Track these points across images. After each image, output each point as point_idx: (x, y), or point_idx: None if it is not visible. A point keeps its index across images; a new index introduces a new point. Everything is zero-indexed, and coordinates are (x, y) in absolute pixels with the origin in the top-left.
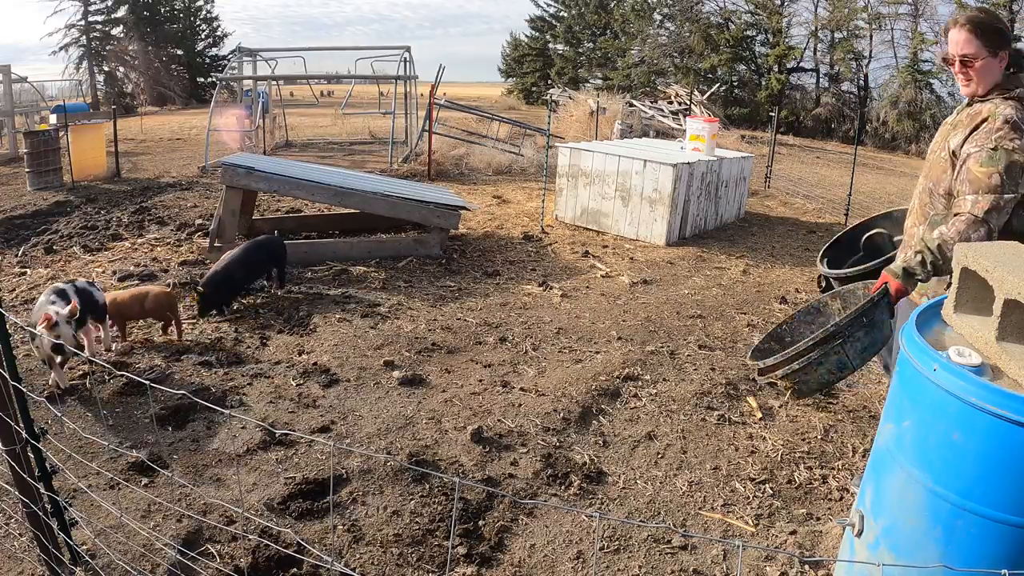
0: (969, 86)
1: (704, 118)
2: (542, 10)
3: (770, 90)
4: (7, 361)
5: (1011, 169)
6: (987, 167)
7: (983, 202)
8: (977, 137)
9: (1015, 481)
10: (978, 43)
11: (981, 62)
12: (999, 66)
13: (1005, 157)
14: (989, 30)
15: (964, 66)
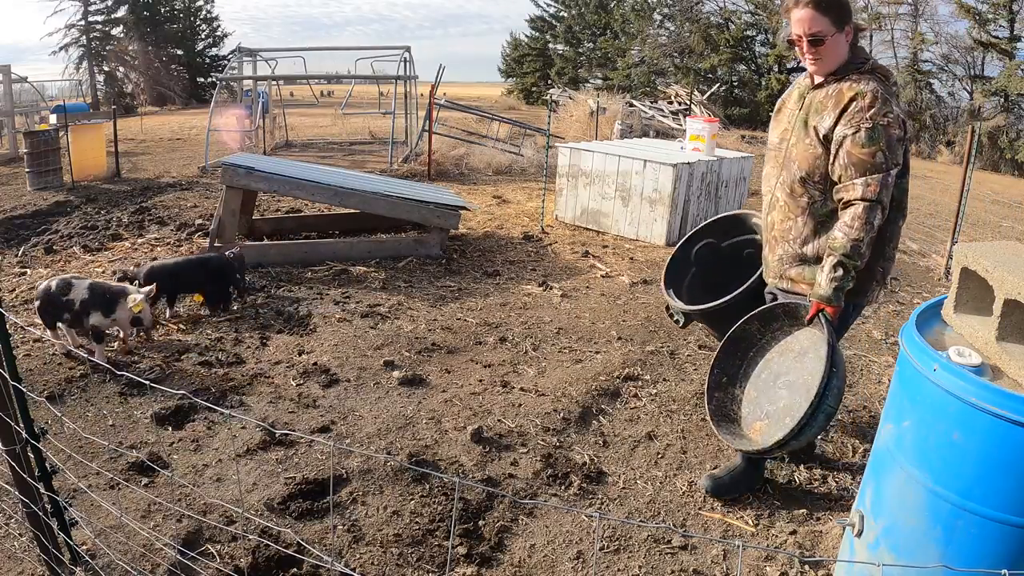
0: (818, 65)
1: (704, 118)
2: (542, 10)
3: (770, 90)
4: (7, 361)
5: (891, 144)
6: (869, 147)
7: (874, 184)
8: (850, 118)
9: (1015, 481)
10: (825, 20)
11: (831, 39)
12: (844, 41)
13: (883, 133)
14: (834, 5)
15: (813, 45)
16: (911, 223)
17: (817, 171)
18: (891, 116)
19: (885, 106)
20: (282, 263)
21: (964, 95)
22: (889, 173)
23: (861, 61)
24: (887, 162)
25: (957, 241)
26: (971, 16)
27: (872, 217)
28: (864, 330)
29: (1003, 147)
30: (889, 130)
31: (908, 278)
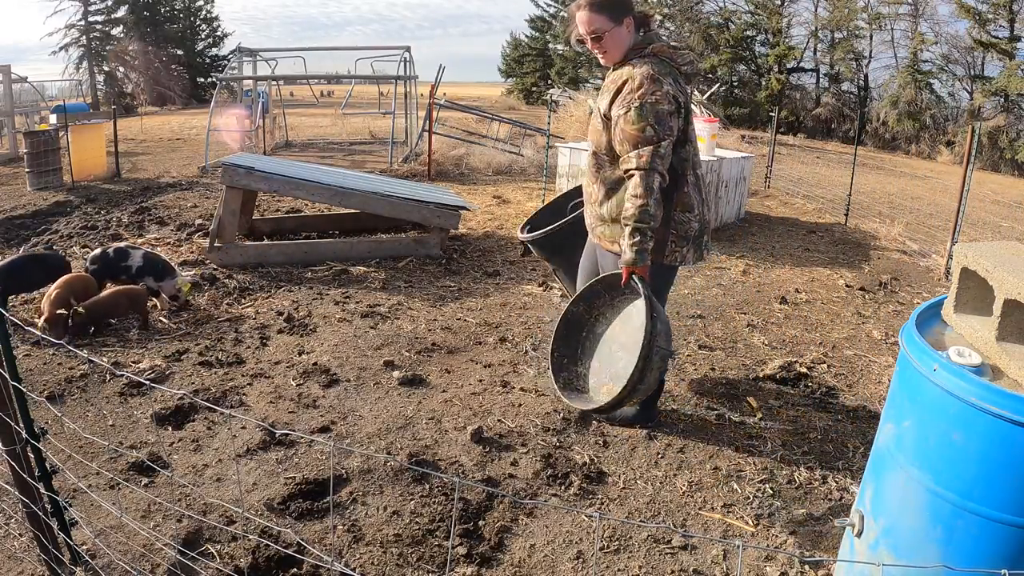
0: (604, 57)
1: (704, 118)
2: (542, 10)
3: (770, 90)
4: (7, 361)
5: (659, 118)
6: (638, 123)
7: (645, 154)
8: (622, 99)
9: (1015, 481)
10: (601, 17)
11: (608, 33)
12: (627, 32)
13: (651, 110)
14: (608, 4)
15: (596, 41)
16: (911, 223)
17: (602, 145)
18: (659, 94)
19: (654, 85)
20: (282, 263)
21: (964, 95)
22: (660, 144)
23: (645, 46)
24: (657, 135)
25: (957, 241)
26: (971, 16)
27: (650, 182)
28: (864, 330)
29: (1003, 147)
30: (658, 107)
31: (908, 278)
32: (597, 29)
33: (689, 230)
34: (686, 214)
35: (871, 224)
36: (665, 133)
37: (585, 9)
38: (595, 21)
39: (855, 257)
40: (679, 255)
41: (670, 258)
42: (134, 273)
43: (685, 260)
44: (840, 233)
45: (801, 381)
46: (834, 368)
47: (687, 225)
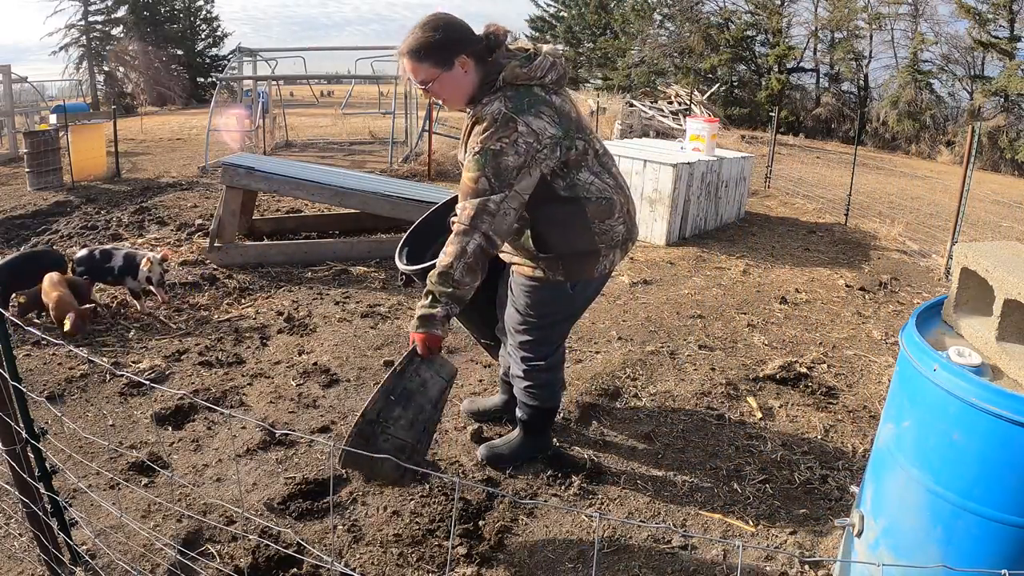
0: (446, 104)
1: (704, 118)
2: (542, 10)
3: (770, 90)
4: (7, 361)
5: (499, 167)
6: (473, 172)
7: (468, 208)
8: (470, 142)
9: (1015, 481)
10: (425, 66)
11: (438, 81)
12: (463, 74)
13: (491, 159)
14: (428, 49)
15: (427, 91)
16: (911, 223)
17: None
18: (506, 141)
19: (503, 130)
20: (282, 263)
21: (964, 95)
22: (490, 198)
23: (493, 80)
24: (491, 188)
25: (957, 241)
26: (971, 16)
27: (465, 244)
28: (864, 330)
29: (1003, 147)
30: (500, 157)
31: (908, 278)
32: (425, 79)
33: (615, 237)
34: (607, 222)
35: (871, 224)
36: (502, 187)
37: (406, 57)
38: (419, 71)
39: (855, 257)
40: (606, 263)
41: (599, 269)
42: (116, 274)
43: (613, 264)
44: (840, 233)
45: (801, 381)
46: (834, 368)
47: (611, 232)
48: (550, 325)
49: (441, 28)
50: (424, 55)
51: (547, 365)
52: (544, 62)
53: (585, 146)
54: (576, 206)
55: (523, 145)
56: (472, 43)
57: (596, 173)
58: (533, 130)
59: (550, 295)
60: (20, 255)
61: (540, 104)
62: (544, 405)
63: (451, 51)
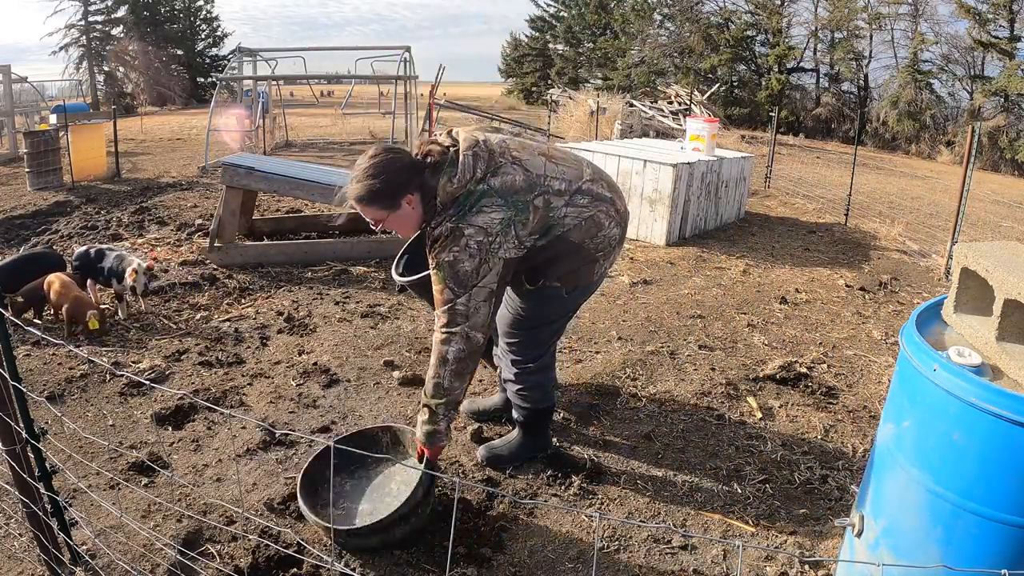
0: (402, 234)
1: (704, 118)
2: (542, 10)
3: (770, 90)
4: (7, 361)
5: (457, 275)
6: (438, 284)
7: (442, 316)
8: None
9: (1015, 481)
10: (373, 209)
11: (389, 220)
12: (410, 209)
13: (448, 268)
14: (373, 197)
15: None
16: (911, 223)
17: None
18: (456, 250)
19: (451, 242)
20: (282, 263)
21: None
22: (456, 302)
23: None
24: (456, 294)
25: (957, 241)
26: (971, 16)
27: (446, 352)
28: (864, 330)
29: (1003, 147)
30: (455, 265)
31: (908, 278)
32: (376, 218)
33: (611, 241)
34: (599, 234)
35: (871, 224)
36: (463, 290)
37: (356, 203)
38: (370, 212)
39: (855, 257)
40: (608, 264)
41: (599, 272)
42: (106, 275)
43: (613, 262)
44: (840, 233)
45: (801, 381)
46: (834, 368)
47: (605, 240)
48: (542, 326)
49: (382, 175)
50: (370, 201)
51: (536, 367)
52: (466, 163)
53: (545, 199)
54: (558, 241)
55: (474, 246)
56: (411, 180)
57: (568, 203)
58: (480, 227)
59: (545, 299)
60: (20, 256)
61: (479, 199)
62: (538, 406)
63: (395, 195)
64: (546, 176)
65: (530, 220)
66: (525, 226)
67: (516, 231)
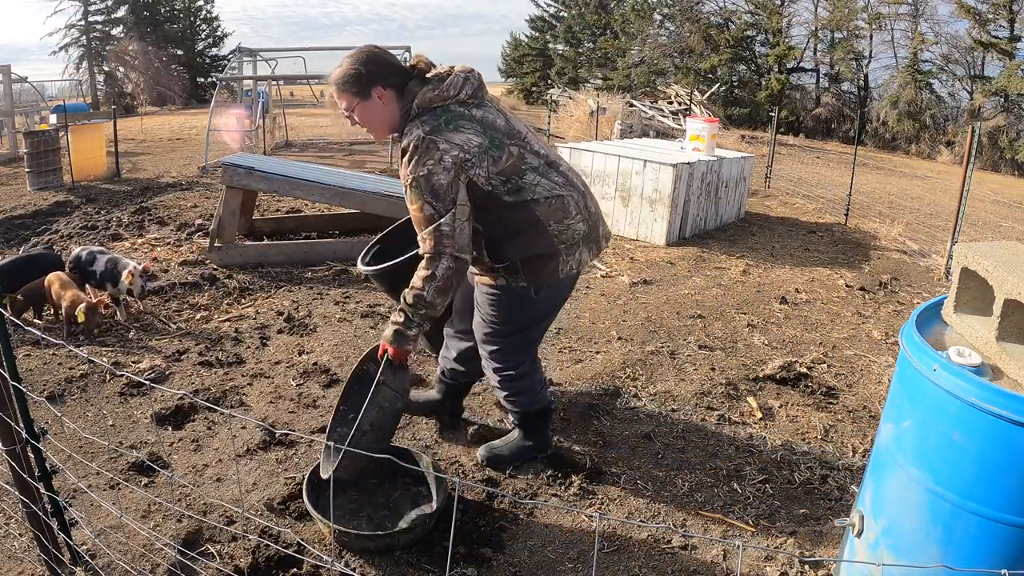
0: (373, 132)
1: (704, 118)
2: (542, 10)
3: (770, 90)
4: (7, 361)
5: (434, 189)
6: (416, 203)
7: (428, 238)
8: (401, 171)
9: (1015, 481)
10: (346, 95)
11: (357, 110)
12: (381, 104)
13: (425, 185)
14: (347, 81)
15: (351, 119)
16: (911, 223)
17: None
18: (431, 163)
19: (425, 154)
20: (282, 263)
21: (964, 95)
22: (441, 222)
23: (409, 108)
24: (436, 211)
25: (957, 241)
26: (971, 16)
27: (435, 268)
28: (864, 330)
29: (1003, 147)
30: (431, 179)
31: (908, 278)
32: (346, 107)
33: (575, 235)
34: (564, 221)
35: (871, 224)
36: (445, 207)
37: (332, 87)
38: (342, 99)
39: (855, 257)
40: (572, 263)
41: (564, 271)
42: (98, 279)
43: (581, 263)
44: (840, 233)
45: (801, 381)
46: (834, 368)
47: (569, 231)
48: (517, 332)
49: (362, 62)
50: (343, 85)
51: (519, 373)
52: (455, 80)
53: (520, 150)
54: (525, 210)
55: (449, 160)
56: (389, 76)
57: (542, 173)
58: (456, 143)
59: (514, 302)
60: (19, 257)
61: (458, 119)
62: (528, 410)
63: (368, 82)
64: (526, 137)
65: (502, 160)
66: (496, 163)
67: (488, 163)
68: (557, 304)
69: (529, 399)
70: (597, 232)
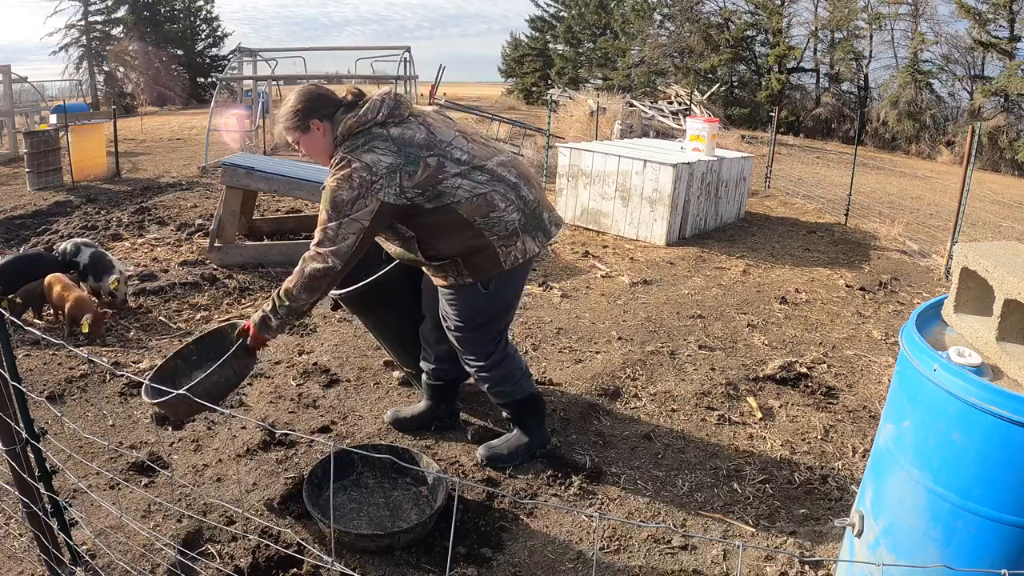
0: (318, 161)
1: (704, 118)
2: (542, 10)
3: (770, 90)
4: (7, 361)
5: (334, 202)
6: (321, 208)
7: (315, 236)
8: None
9: (1015, 481)
10: (291, 130)
11: (302, 142)
12: (320, 136)
13: (329, 194)
14: (289, 118)
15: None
16: (911, 223)
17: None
18: (340, 177)
19: (338, 170)
20: (282, 263)
21: (964, 95)
22: (327, 227)
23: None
24: (329, 217)
25: (957, 241)
26: (971, 16)
27: (305, 267)
28: (864, 330)
29: (1003, 147)
30: (335, 192)
31: (908, 278)
32: (293, 141)
33: (508, 225)
34: (491, 215)
35: (871, 224)
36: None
37: (280, 124)
38: (289, 135)
39: (855, 257)
40: (515, 253)
41: (508, 262)
42: (81, 271)
43: (527, 252)
44: (840, 233)
45: (801, 381)
46: (834, 368)
47: (501, 223)
48: (479, 327)
49: (300, 99)
50: (287, 122)
51: (490, 363)
52: (373, 105)
53: (440, 160)
54: (448, 212)
55: (356, 179)
56: (323, 108)
57: (464, 175)
58: (366, 164)
59: (466, 298)
60: (18, 256)
61: (374, 140)
62: (513, 398)
63: (304, 117)
64: (450, 145)
65: (417, 174)
66: (411, 177)
67: (401, 180)
68: (513, 293)
69: (512, 387)
70: (541, 219)
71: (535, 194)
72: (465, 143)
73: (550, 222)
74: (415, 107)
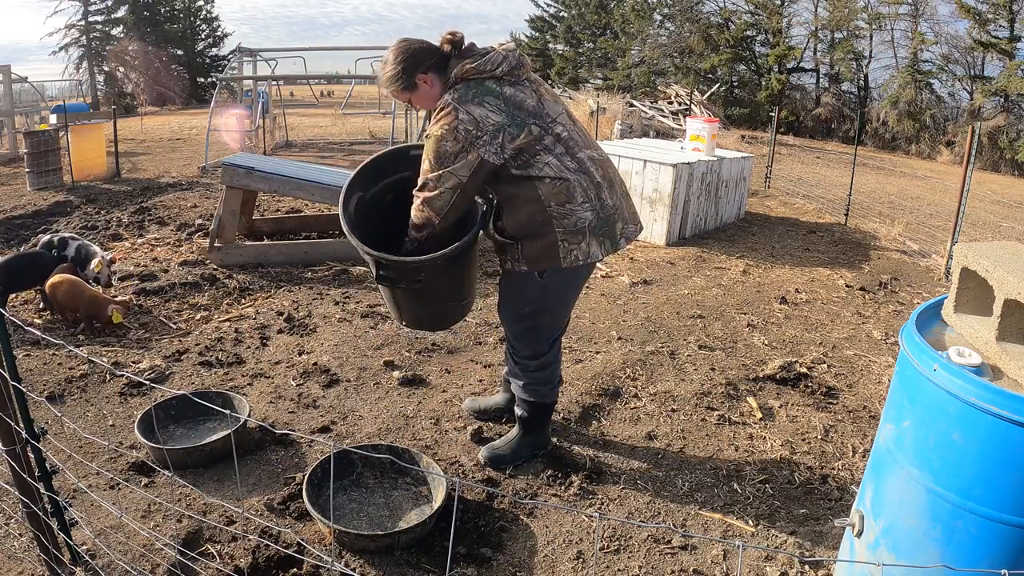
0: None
1: (704, 118)
2: (542, 10)
3: (770, 90)
4: (7, 361)
5: (438, 152)
6: (424, 156)
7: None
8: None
9: (1015, 481)
10: (399, 91)
11: (413, 99)
12: (428, 87)
13: (434, 143)
14: (392, 80)
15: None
16: (911, 223)
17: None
18: (447, 127)
19: (446, 117)
20: (282, 263)
21: (964, 95)
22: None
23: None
24: (431, 167)
25: (957, 241)
26: (971, 16)
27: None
28: (864, 330)
29: (1003, 147)
30: (440, 142)
31: (908, 278)
32: (401, 98)
33: (579, 222)
34: (567, 205)
35: (871, 224)
36: (441, 166)
37: (385, 88)
38: (398, 95)
39: (855, 257)
40: (577, 253)
41: (567, 260)
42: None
43: (591, 256)
44: (840, 233)
45: (801, 381)
46: (834, 368)
47: (572, 217)
48: (529, 317)
49: (398, 59)
50: (391, 85)
51: (539, 364)
52: (494, 57)
53: (541, 131)
54: (528, 184)
55: (462, 132)
56: (425, 62)
57: (557, 155)
58: (474, 118)
59: (520, 285)
60: (19, 255)
61: (485, 94)
62: (541, 401)
63: (411, 74)
64: (555, 121)
65: (520, 138)
66: (513, 140)
67: (503, 140)
68: (567, 294)
69: (547, 390)
70: (613, 228)
71: (615, 200)
72: (569, 124)
73: (621, 234)
74: (532, 73)
